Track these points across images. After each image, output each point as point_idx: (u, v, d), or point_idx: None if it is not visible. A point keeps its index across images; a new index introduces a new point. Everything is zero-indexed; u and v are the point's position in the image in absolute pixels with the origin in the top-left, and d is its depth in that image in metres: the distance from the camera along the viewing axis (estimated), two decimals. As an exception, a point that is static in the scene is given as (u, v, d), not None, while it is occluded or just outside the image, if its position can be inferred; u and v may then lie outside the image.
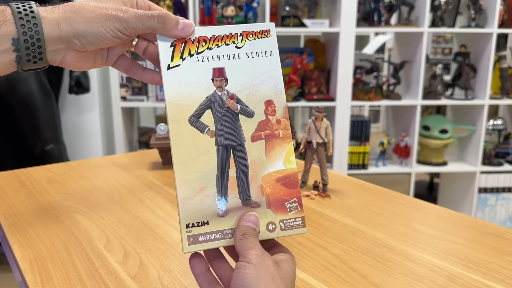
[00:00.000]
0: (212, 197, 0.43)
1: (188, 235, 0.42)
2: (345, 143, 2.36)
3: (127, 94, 2.29)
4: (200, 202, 0.42)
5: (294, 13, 2.37)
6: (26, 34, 0.41)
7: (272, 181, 0.44)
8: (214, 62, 0.45)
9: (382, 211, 0.77)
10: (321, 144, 0.86)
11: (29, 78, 1.98)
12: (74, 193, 0.85)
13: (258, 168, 0.44)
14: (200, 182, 0.42)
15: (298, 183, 0.45)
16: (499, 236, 0.68)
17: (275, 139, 0.45)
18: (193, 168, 0.42)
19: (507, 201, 2.50)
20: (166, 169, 1.00)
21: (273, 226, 0.44)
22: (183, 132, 0.43)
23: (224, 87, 0.44)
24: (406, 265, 0.59)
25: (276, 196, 0.44)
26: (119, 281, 0.54)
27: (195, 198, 0.42)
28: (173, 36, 0.44)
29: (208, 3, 2.18)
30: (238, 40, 0.46)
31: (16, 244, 0.64)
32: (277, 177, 0.44)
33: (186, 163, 0.42)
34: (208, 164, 0.43)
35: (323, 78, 2.41)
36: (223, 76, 0.45)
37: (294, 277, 0.42)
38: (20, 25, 0.41)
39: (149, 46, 0.49)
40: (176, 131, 0.42)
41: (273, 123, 0.45)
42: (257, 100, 0.45)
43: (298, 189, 0.45)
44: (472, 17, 2.32)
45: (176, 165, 0.42)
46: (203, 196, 0.42)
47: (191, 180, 0.42)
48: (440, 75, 2.44)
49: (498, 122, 2.54)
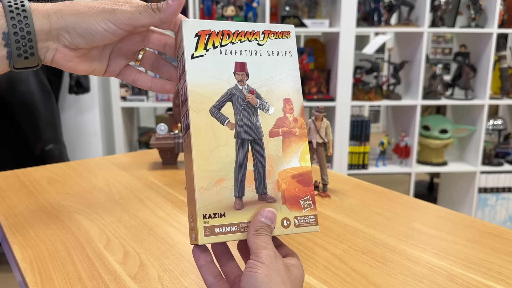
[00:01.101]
0: (229, 189, 0.42)
1: (204, 226, 0.41)
2: (345, 143, 2.37)
3: (127, 94, 2.29)
4: (217, 193, 0.42)
5: (294, 13, 2.37)
6: (16, 27, 0.41)
7: (288, 178, 0.45)
8: (236, 56, 0.45)
9: (382, 211, 0.77)
10: (321, 144, 0.86)
11: (29, 78, 1.98)
12: (74, 193, 0.85)
13: (275, 163, 0.44)
14: (218, 173, 0.42)
15: (312, 181, 0.45)
16: (499, 236, 0.68)
17: (292, 137, 0.45)
18: (212, 159, 0.42)
19: (507, 201, 2.50)
20: (166, 169, 1.00)
21: (288, 222, 0.44)
22: (204, 123, 0.42)
23: (245, 81, 0.45)
24: (406, 265, 0.59)
25: (291, 192, 0.44)
26: (119, 281, 0.54)
27: (212, 189, 0.42)
28: (170, 13, 0.43)
29: (208, 3, 2.19)
30: (260, 37, 0.46)
31: (16, 244, 0.64)
32: (292, 174, 0.45)
33: (205, 153, 0.42)
34: (227, 156, 0.43)
35: (323, 78, 2.41)
36: (244, 71, 0.45)
37: (302, 283, 0.42)
38: (10, 17, 0.41)
39: (159, 61, 0.48)
40: (197, 121, 0.42)
41: (290, 121, 0.46)
42: (276, 97, 0.45)
43: (312, 187, 0.45)
44: (472, 17, 2.32)
45: (196, 155, 0.42)
46: (221, 187, 0.42)
47: (210, 170, 0.42)
48: (440, 75, 2.44)
49: (498, 122, 2.54)
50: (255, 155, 0.44)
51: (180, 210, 0.77)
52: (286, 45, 0.47)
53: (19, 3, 0.41)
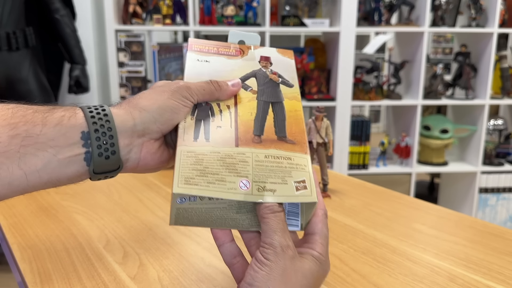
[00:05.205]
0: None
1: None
2: (345, 143, 2.36)
3: (127, 94, 2.29)
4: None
5: (294, 13, 2.37)
6: (97, 124, 0.39)
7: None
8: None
9: (383, 211, 0.77)
10: (321, 144, 0.85)
11: (29, 78, 1.98)
12: (73, 193, 0.85)
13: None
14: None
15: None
16: (499, 236, 0.68)
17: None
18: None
19: (507, 201, 2.50)
20: (166, 169, 1.00)
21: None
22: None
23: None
24: (406, 266, 0.58)
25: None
26: (119, 282, 0.54)
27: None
28: (227, 95, 0.46)
29: (208, 3, 2.18)
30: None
31: (15, 244, 0.64)
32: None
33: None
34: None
35: (323, 78, 2.41)
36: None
37: (317, 281, 0.40)
38: (90, 116, 0.40)
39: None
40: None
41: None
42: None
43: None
44: (473, 17, 2.31)
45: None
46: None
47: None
48: (440, 75, 2.44)
49: (499, 122, 2.54)
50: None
51: (180, 210, 0.77)
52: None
53: (99, 108, 0.41)
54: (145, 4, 2.25)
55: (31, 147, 0.37)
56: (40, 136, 0.38)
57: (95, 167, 0.40)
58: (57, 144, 0.38)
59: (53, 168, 0.38)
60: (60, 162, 0.38)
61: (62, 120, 0.39)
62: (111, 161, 0.40)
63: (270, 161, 0.42)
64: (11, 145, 0.37)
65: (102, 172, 0.41)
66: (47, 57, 2.25)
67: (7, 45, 1.90)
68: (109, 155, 0.40)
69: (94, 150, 0.39)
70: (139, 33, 2.24)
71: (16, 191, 0.38)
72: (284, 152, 0.43)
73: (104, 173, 0.41)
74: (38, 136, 0.38)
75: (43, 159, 0.38)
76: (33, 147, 0.37)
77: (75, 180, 0.41)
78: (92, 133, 0.39)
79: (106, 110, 0.41)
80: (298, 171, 0.42)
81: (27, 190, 0.39)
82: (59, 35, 2.15)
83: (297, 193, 0.40)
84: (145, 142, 0.42)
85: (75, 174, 0.40)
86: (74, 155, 0.39)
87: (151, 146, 0.43)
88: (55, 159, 0.38)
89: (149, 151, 0.43)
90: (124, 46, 2.23)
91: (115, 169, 0.41)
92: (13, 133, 0.37)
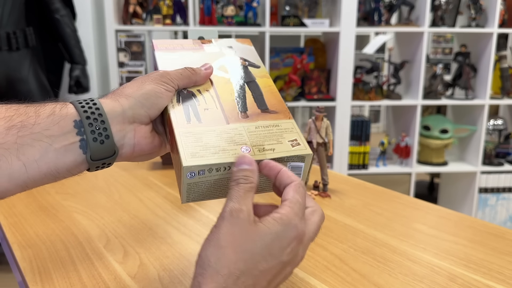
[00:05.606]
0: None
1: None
2: (345, 143, 2.36)
3: (127, 94, 2.29)
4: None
5: (294, 13, 2.37)
6: (87, 112, 0.41)
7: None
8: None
9: (383, 211, 0.77)
10: (321, 144, 0.86)
11: (29, 78, 1.98)
12: (73, 193, 0.85)
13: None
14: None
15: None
16: (499, 236, 0.68)
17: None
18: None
19: (507, 201, 2.50)
20: (166, 169, 1.00)
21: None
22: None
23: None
24: (406, 265, 0.59)
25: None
26: (119, 281, 0.54)
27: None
28: (203, 77, 0.50)
29: (208, 3, 2.18)
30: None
31: (15, 244, 0.64)
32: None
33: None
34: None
35: (323, 78, 2.41)
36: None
37: (281, 242, 0.38)
38: (80, 106, 0.42)
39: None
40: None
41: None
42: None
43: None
44: (473, 17, 2.31)
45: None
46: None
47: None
48: (440, 75, 2.44)
49: (499, 122, 2.54)
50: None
51: (180, 210, 0.77)
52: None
53: (88, 99, 0.43)
54: (145, 4, 2.25)
55: (27, 137, 0.38)
56: (35, 126, 0.39)
57: (91, 154, 0.41)
58: (52, 134, 0.39)
59: (51, 157, 0.40)
60: (57, 151, 0.40)
61: (54, 111, 0.41)
62: (106, 146, 0.42)
63: (261, 130, 0.46)
64: (8, 136, 0.38)
65: (99, 159, 0.42)
66: (47, 57, 2.25)
67: (7, 45, 1.90)
68: (103, 140, 0.41)
69: (88, 136, 0.41)
70: (139, 33, 2.24)
71: (16, 185, 0.39)
72: (271, 121, 0.48)
73: (101, 159, 0.42)
74: (33, 126, 0.39)
75: (40, 149, 0.39)
76: (29, 137, 0.39)
77: (74, 171, 0.42)
78: (84, 120, 0.41)
79: (95, 100, 0.43)
80: (288, 133, 0.47)
81: (28, 183, 0.40)
82: (59, 35, 2.15)
83: (293, 148, 0.45)
84: (136, 127, 0.44)
85: (73, 163, 0.41)
86: (70, 143, 0.40)
87: (143, 131, 0.45)
88: (52, 148, 0.39)
89: (142, 136, 0.45)
90: (124, 46, 2.23)
91: (111, 155, 0.43)
92: (8, 125, 0.38)
